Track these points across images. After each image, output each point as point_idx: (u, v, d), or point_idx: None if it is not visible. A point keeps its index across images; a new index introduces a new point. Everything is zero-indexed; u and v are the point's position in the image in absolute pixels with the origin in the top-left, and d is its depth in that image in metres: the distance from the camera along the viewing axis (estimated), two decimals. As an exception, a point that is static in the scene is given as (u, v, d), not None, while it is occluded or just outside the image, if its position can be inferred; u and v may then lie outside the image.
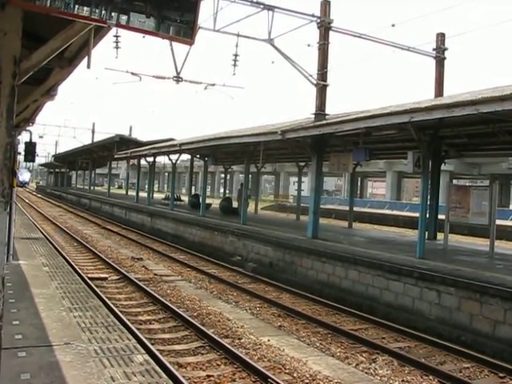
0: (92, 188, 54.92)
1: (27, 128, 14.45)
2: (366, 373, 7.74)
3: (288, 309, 11.31)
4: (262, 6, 16.62)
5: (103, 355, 5.59)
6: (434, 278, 10.54)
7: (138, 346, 6.11)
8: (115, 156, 39.55)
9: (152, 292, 12.01)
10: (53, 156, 78.19)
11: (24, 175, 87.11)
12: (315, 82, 17.36)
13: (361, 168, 24.29)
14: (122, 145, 38.76)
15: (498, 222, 15.21)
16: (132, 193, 47.40)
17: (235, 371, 7.36)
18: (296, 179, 41.47)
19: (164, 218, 26.27)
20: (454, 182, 44.62)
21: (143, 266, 16.11)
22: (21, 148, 15.63)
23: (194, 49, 21.50)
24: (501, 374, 7.97)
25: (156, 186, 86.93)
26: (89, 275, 13.45)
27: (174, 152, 29.29)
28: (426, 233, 15.41)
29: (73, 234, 23.32)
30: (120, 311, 9.91)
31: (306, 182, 53.34)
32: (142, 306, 11.13)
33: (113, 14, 2.87)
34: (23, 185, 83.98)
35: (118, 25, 2.93)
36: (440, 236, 17.42)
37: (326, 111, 17.47)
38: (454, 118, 11.27)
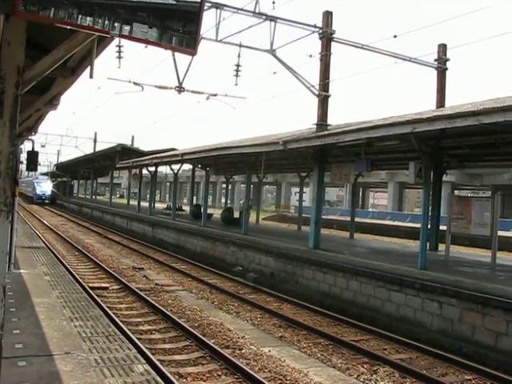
0: (94, 197, 54.90)
1: (29, 137, 14.50)
2: (368, 384, 7.70)
3: (289, 319, 11.27)
4: (264, 17, 16.74)
5: (104, 365, 5.57)
6: (435, 289, 10.50)
7: (139, 356, 6.10)
8: (117, 165, 39.63)
9: (153, 302, 11.97)
10: (55, 165, 76.82)
11: (43, 185, 62.85)
12: (317, 93, 17.42)
13: (362, 179, 24.32)
14: (123, 154, 38.85)
15: (500, 233, 15.15)
16: (134, 202, 47.37)
17: (236, 382, 7.33)
18: (297, 190, 41.46)
19: (165, 228, 26.25)
20: (456, 192, 44.50)
21: (144, 276, 16.08)
22: (23, 157, 15.67)
23: (196, 59, 21.58)
24: (503, 387, 7.92)
25: (157, 195, 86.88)
26: (90, 285, 13.43)
27: (176, 162, 29.35)
28: (428, 244, 15.37)
29: (74, 243, 23.29)
30: (121, 321, 9.88)
31: (308, 192, 53.30)
32: (143, 315, 11.09)
33: (116, 24, 2.88)
34: (43, 200, 60.42)
35: (121, 35, 2.95)
36: (441, 247, 17.38)
37: (328, 122, 17.52)
38: (456, 128, 11.30)
